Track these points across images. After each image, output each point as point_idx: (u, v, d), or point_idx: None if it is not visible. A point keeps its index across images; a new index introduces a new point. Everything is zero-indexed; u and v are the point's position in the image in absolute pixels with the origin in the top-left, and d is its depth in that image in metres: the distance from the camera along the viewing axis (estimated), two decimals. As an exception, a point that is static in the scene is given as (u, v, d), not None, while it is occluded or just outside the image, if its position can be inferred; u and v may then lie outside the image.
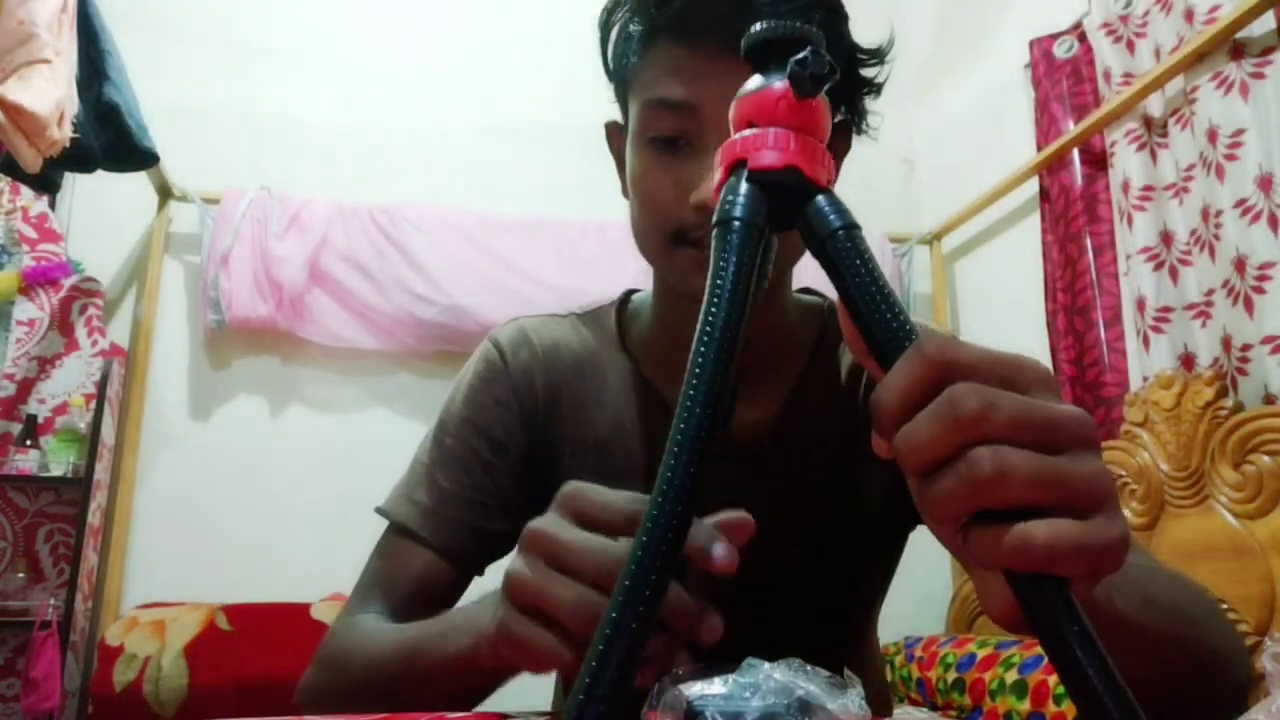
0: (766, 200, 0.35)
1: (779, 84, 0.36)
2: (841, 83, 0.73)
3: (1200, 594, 0.55)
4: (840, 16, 0.66)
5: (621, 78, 0.71)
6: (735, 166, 0.36)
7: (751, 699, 0.29)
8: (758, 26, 0.37)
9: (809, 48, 0.35)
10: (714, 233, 0.35)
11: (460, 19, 2.92)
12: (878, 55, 0.69)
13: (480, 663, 0.48)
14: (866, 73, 0.69)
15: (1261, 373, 1.64)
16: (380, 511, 0.74)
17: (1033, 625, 0.29)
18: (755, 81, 0.37)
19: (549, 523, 0.42)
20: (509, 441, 0.74)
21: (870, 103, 0.72)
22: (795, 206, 0.36)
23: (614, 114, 0.76)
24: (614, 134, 0.77)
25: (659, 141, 0.66)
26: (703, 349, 0.33)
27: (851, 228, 0.35)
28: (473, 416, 0.75)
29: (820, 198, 0.36)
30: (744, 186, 0.35)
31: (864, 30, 0.71)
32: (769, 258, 0.37)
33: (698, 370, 0.32)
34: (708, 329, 0.33)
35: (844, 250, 0.34)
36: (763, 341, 0.72)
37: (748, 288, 0.34)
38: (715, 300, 0.33)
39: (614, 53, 0.71)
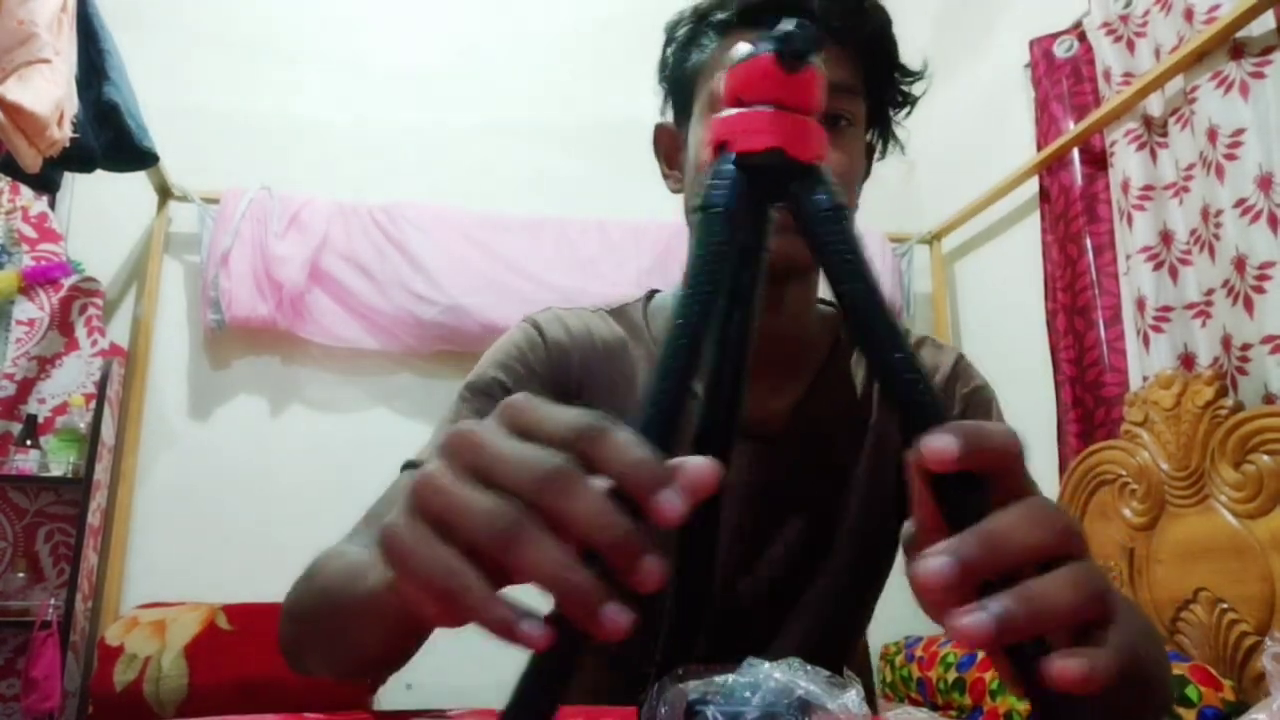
0: (750, 183, 0.34)
1: (766, 55, 0.34)
2: (879, 104, 0.76)
3: (1148, 626, 0.57)
4: (889, 35, 0.70)
5: (693, 69, 0.73)
6: (720, 148, 0.35)
7: (751, 698, 0.29)
8: None
9: (795, 20, 0.34)
10: (694, 219, 0.34)
11: (460, 19, 2.92)
12: (918, 76, 0.71)
13: (388, 604, 0.42)
14: (906, 90, 0.71)
15: (1261, 372, 1.64)
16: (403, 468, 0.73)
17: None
18: (741, 50, 0.35)
19: (477, 425, 0.33)
20: None
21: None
22: (783, 187, 0.35)
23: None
24: (663, 135, 0.81)
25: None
26: (668, 344, 0.32)
27: (838, 209, 0.34)
28: (502, 378, 0.75)
29: (806, 179, 0.35)
30: (725, 170, 0.35)
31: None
32: (766, 229, 0.37)
33: (660, 363, 0.32)
34: (679, 319, 0.33)
35: (827, 234, 0.34)
36: (787, 330, 0.76)
37: (721, 278, 0.33)
38: (689, 290, 0.33)
39: (678, 50, 0.74)
